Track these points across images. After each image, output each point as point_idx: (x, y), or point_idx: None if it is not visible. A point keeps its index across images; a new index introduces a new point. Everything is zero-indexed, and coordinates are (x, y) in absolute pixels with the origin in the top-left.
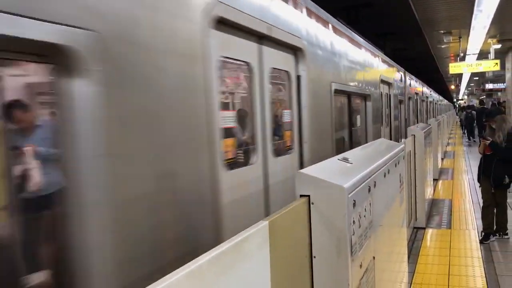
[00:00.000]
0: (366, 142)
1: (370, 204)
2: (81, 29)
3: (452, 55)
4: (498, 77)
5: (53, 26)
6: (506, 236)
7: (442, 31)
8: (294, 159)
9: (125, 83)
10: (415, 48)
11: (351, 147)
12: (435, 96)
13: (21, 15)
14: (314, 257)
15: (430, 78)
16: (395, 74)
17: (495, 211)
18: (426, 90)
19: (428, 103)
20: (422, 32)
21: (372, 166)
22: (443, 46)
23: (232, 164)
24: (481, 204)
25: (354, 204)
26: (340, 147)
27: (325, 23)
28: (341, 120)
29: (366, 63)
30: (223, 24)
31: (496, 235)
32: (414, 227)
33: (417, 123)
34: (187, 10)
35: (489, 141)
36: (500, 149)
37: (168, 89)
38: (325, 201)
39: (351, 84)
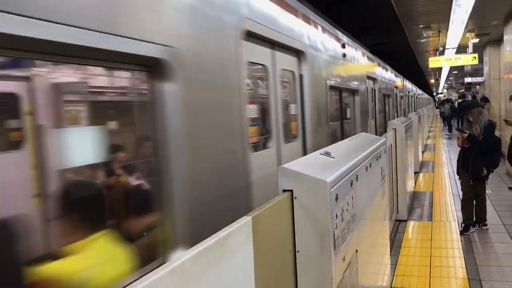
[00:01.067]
0: (392, 117)
1: (352, 198)
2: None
3: (431, 49)
4: (476, 71)
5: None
6: (485, 227)
7: (421, 26)
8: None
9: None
10: (396, 42)
11: (389, 118)
12: (419, 91)
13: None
14: (298, 251)
15: (411, 71)
16: (399, 80)
17: (474, 203)
18: (413, 87)
19: (415, 98)
20: (402, 26)
21: (354, 160)
22: (422, 41)
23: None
24: (461, 196)
25: (336, 198)
26: (387, 118)
27: (381, 65)
28: (385, 107)
29: (392, 80)
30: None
31: (476, 226)
32: (396, 220)
33: (409, 111)
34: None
35: (467, 134)
36: (477, 142)
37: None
38: (308, 196)
39: (387, 89)
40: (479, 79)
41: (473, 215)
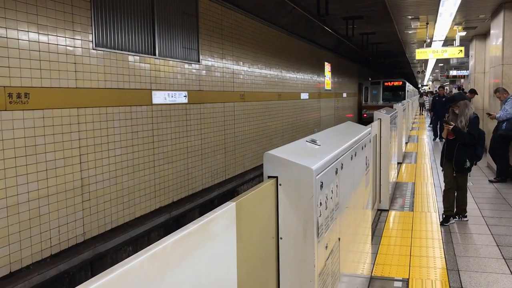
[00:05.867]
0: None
1: (337, 186)
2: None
3: (419, 40)
4: (462, 64)
5: None
6: (465, 219)
7: (410, 17)
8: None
9: None
10: (383, 32)
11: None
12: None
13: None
14: (281, 238)
15: (397, 62)
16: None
17: (455, 194)
18: (410, 86)
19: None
20: (391, 16)
21: (339, 149)
22: (410, 32)
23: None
24: (442, 188)
25: (321, 186)
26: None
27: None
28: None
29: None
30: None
31: (456, 218)
32: (378, 209)
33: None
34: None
35: (452, 126)
36: (462, 134)
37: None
38: (293, 183)
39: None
40: (464, 73)
41: (454, 206)
